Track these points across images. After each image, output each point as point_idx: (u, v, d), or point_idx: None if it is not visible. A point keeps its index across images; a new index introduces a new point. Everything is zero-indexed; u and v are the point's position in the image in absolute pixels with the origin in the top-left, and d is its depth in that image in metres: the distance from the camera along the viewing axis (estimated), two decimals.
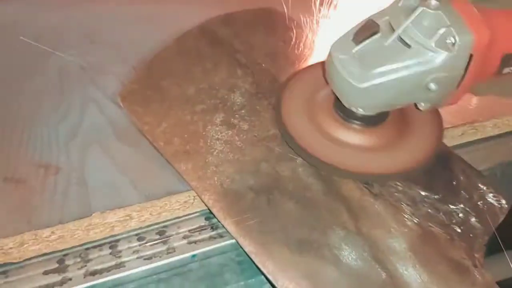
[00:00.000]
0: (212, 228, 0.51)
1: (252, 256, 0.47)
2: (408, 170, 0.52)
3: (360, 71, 0.47)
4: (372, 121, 0.53)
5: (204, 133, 0.55)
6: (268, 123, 0.56)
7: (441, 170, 0.54)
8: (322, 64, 0.53)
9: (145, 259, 0.48)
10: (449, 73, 0.46)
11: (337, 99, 0.52)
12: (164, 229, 0.50)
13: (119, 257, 0.48)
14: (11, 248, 0.47)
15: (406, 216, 0.50)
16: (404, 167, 0.52)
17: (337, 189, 0.51)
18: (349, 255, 0.47)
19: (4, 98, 0.62)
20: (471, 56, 0.45)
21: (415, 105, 0.50)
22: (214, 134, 0.55)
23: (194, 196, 0.51)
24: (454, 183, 0.53)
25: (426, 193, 0.52)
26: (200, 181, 0.51)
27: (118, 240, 0.49)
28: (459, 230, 0.49)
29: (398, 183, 0.52)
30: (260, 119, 0.56)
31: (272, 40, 0.65)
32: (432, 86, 0.46)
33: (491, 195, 0.53)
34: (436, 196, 0.52)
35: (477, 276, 0.46)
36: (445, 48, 0.44)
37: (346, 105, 0.51)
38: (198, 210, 0.51)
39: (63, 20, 0.74)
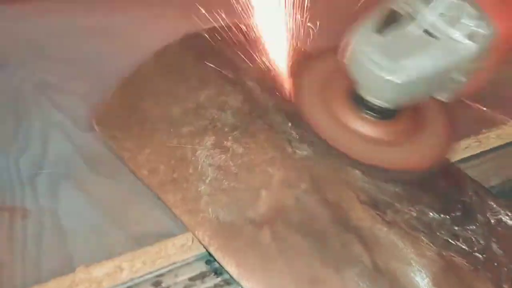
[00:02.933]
0: (215, 273, 0.44)
1: None
2: (422, 168, 0.50)
3: (388, 63, 0.45)
4: (387, 114, 0.50)
5: (193, 158, 0.49)
6: (265, 145, 0.50)
7: (453, 191, 0.51)
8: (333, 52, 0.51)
9: None
10: (476, 64, 0.45)
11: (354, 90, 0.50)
12: (160, 278, 0.43)
13: None
14: None
15: (424, 246, 0.45)
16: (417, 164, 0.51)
17: (347, 218, 0.46)
18: None
19: None
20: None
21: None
22: (205, 160, 0.49)
23: (192, 238, 0.45)
24: (468, 205, 0.49)
25: (441, 217, 0.48)
26: (192, 214, 0.45)
27: None
28: (481, 258, 0.45)
29: (412, 209, 0.47)
30: (256, 140, 0.51)
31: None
32: (459, 77, 0.46)
33: (506, 216, 0.49)
34: (450, 219, 0.48)
35: None
36: (473, 39, 0.44)
37: (371, 99, 0.49)
38: (197, 253, 0.44)
39: (11, 36, 0.65)
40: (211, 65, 0.55)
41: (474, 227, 0.48)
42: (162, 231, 0.45)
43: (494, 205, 0.50)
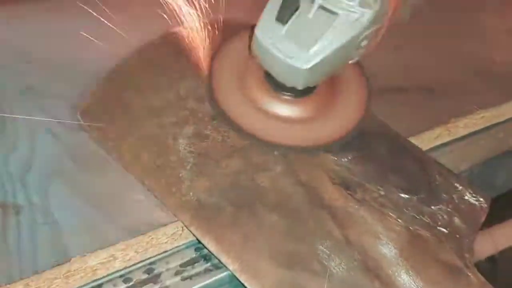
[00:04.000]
0: (205, 259, 0.46)
1: (237, 275, 0.44)
2: (333, 142, 0.53)
3: (299, 51, 0.46)
4: (305, 92, 0.52)
5: (175, 146, 0.51)
6: (243, 133, 0.53)
7: (418, 172, 0.54)
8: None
9: None
10: (375, 27, 0.47)
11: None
12: (152, 266, 0.45)
13: None
14: None
15: (393, 221, 0.48)
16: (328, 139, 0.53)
17: (320, 198, 0.49)
18: (340, 265, 0.44)
19: None
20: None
21: None
22: (186, 147, 0.51)
23: (182, 227, 0.47)
24: (432, 184, 0.53)
25: (408, 196, 0.51)
26: (174, 198, 0.48)
27: (101, 285, 0.43)
28: (446, 231, 0.48)
29: (380, 188, 0.51)
30: (234, 128, 0.53)
31: None
32: (364, 43, 0.47)
33: (469, 195, 0.52)
34: (417, 199, 0.51)
35: (471, 276, 0.45)
36: (368, 6, 0.46)
37: (288, 85, 0.50)
38: (187, 241, 0.46)
39: None
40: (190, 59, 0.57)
41: (439, 205, 0.51)
42: (153, 221, 0.47)
43: (458, 186, 0.53)
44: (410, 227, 0.48)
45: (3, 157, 0.51)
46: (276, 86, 0.52)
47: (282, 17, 0.47)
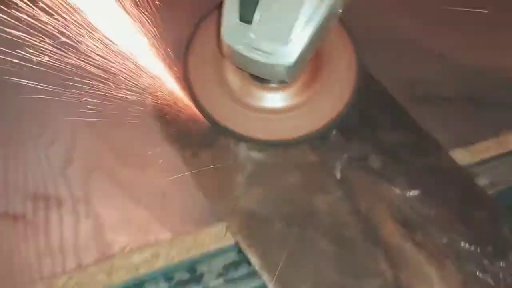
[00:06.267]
0: (249, 263, 0.44)
1: None
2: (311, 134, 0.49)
3: (278, 46, 0.41)
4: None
5: (235, 149, 0.50)
6: (308, 149, 0.50)
7: (487, 223, 0.49)
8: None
9: None
10: None
11: None
12: (194, 266, 0.44)
13: None
14: None
15: (451, 273, 0.45)
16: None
17: (377, 232, 0.46)
18: None
19: None
20: None
21: None
22: (246, 152, 0.50)
23: (226, 228, 0.45)
24: (501, 240, 0.48)
25: (472, 248, 0.47)
26: (225, 202, 0.47)
27: (143, 283, 0.43)
28: None
29: (444, 234, 0.47)
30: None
31: None
32: (341, 8, 0.42)
33: None
34: (481, 251, 0.47)
35: None
36: None
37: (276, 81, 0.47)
38: (231, 243, 0.45)
39: None
40: None
41: (504, 263, 0.47)
42: (196, 221, 0.46)
43: None
44: (468, 283, 0.44)
45: (44, 150, 0.49)
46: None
47: (246, 16, 0.41)
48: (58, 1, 0.42)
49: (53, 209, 0.45)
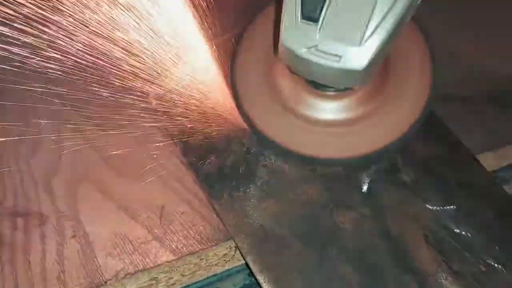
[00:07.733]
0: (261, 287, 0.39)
1: None
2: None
3: (348, 47, 0.35)
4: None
5: (248, 155, 0.44)
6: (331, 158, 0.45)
7: None
8: None
9: None
10: None
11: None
12: None
13: None
14: None
15: None
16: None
17: (409, 258, 0.40)
18: None
19: None
20: None
21: None
22: (260, 159, 0.44)
23: (235, 247, 0.40)
24: None
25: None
26: (235, 217, 0.41)
27: None
28: None
29: (482, 261, 0.41)
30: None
31: None
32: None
33: None
34: None
35: None
36: None
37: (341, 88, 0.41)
38: (239, 264, 0.40)
39: None
40: None
41: None
42: (201, 239, 0.40)
43: None
44: None
45: (25, 160, 0.43)
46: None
47: (311, 12, 0.35)
48: None
49: (34, 228, 0.39)
